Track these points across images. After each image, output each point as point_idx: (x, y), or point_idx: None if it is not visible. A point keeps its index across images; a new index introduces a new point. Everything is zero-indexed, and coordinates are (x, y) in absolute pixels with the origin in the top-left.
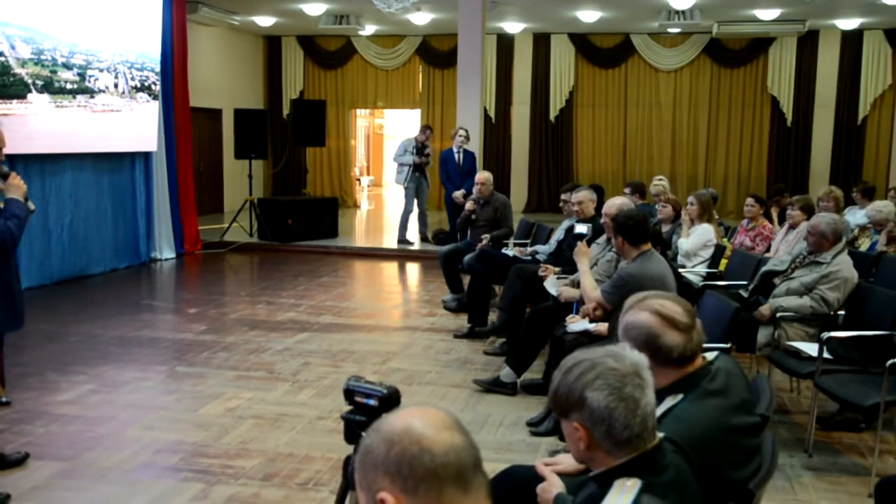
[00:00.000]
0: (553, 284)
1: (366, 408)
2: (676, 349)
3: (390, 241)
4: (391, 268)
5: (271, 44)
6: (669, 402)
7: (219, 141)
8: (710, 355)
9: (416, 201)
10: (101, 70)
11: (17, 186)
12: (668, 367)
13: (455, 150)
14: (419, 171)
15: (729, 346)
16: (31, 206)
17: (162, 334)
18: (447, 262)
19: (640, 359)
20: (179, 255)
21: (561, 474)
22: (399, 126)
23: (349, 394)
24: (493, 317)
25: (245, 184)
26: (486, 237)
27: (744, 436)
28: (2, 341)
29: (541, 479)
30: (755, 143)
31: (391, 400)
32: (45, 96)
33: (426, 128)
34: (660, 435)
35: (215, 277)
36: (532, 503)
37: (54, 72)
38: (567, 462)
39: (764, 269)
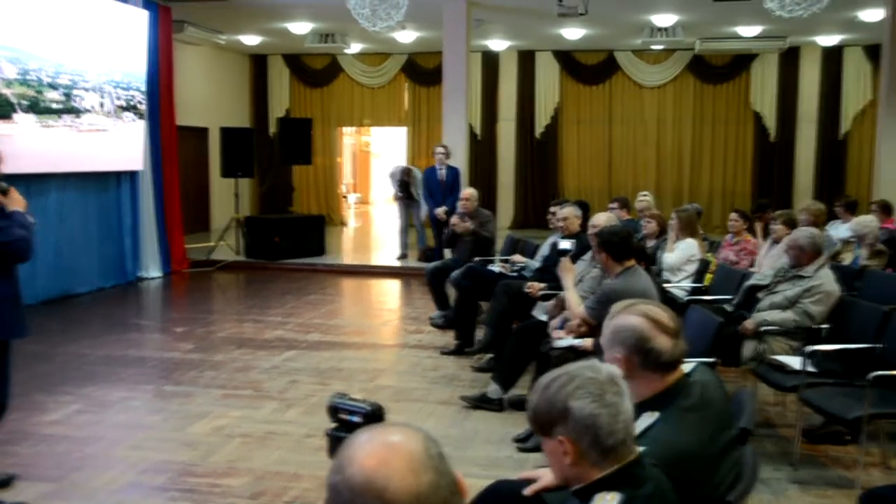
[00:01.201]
0: (542, 309)
1: (350, 424)
2: (665, 353)
3: (378, 259)
4: (379, 285)
5: (257, 62)
6: (646, 420)
7: (205, 159)
8: (687, 367)
9: (407, 216)
10: (87, 90)
11: (18, 200)
12: (655, 372)
13: (438, 167)
14: (405, 193)
15: (713, 360)
16: (32, 219)
17: (149, 353)
18: (434, 279)
19: (614, 369)
20: (166, 274)
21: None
22: (385, 143)
23: (333, 411)
24: (480, 333)
25: (232, 202)
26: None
27: (722, 450)
28: (9, 349)
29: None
30: (739, 158)
31: (375, 416)
32: (31, 116)
33: (407, 170)
34: (639, 448)
35: (202, 296)
36: None
37: (40, 92)
38: (548, 477)
39: (748, 283)
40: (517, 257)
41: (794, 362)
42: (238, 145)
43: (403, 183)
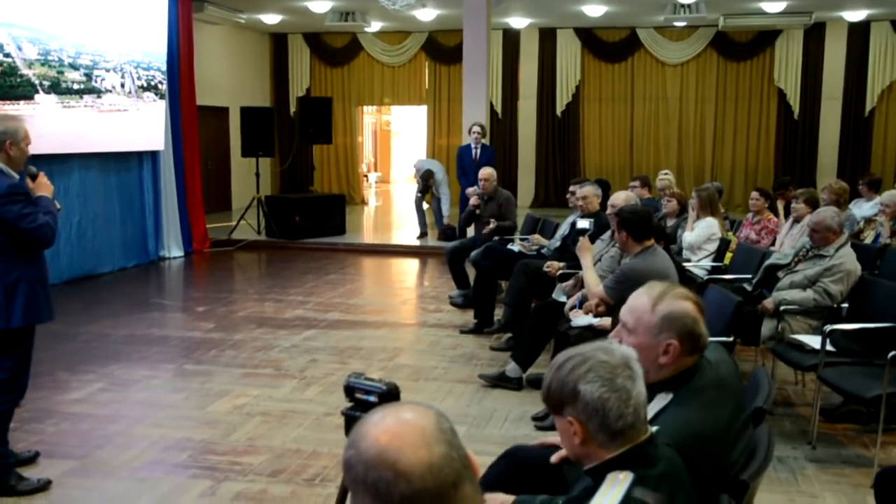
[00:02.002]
0: (561, 291)
1: (366, 404)
2: (703, 337)
3: (398, 238)
4: (399, 264)
5: (277, 41)
6: (660, 401)
7: (226, 139)
8: None
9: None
10: (108, 70)
11: (45, 185)
12: (692, 355)
13: (473, 145)
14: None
15: (732, 339)
16: (58, 204)
17: (170, 333)
18: (453, 258)
19: (629, 351)
20: (188, 254)
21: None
22: (406, 122)
23: (349, 390)
24: (499, 312)
25: (252, 181)
26: (492, 222)
27: (737, 429)
28: (33, 332)
29: (544, 458)
30: (762, 135)
31: (391, 395)
32: (53, 97)
33: (429, 173)
34: (652, 428)
35: (223, 275)
36: (535, 480)
37: (61, 72)
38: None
39: (767, 262)
40: (536, 237)
41: (814, 341)
42: (258, 125)
43: (425, 185)
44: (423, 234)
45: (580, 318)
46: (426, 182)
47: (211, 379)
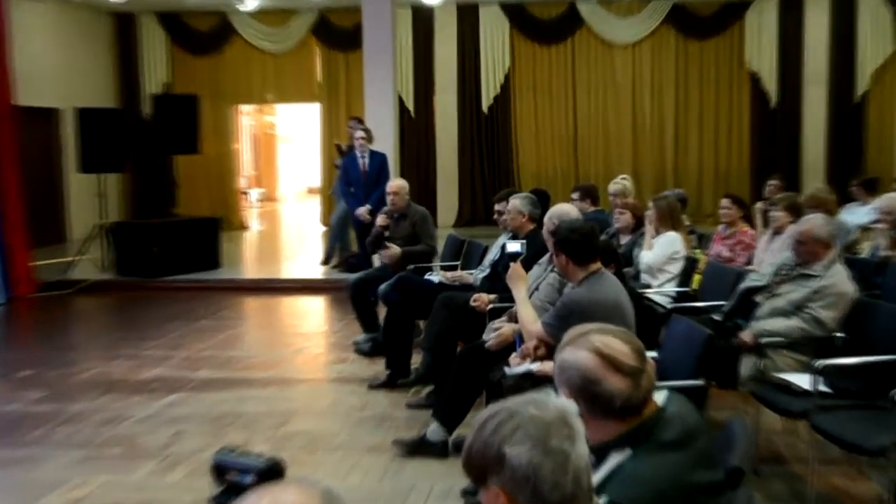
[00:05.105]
0: (492, 330)
1: (240, 487)
2: (619, 398)
3: (289, 270)
4: (290, 304)
5: (123, 23)
6: (615, 458)
7: (57, 150)
8: (659, 398)
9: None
10: None
11: None
12: (609, 418)
13: (358, 154)
14: None
15: (702, 382)
16: None
17: None
18: (357, 294)
19: (567, 404)
20: (6, 302)
21: None
22: (295, 124)
23: (219, 470)
24: (416, 359)
25: (95, 204)
26: (392, 248)
27: (707, 496)
28: None
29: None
30: (734, 130)
31: (272, 473)
32: None
33: (352, 121)
34: (600, 501)
35: (56, 327)
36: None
37: None
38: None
39: (744, 285)
40: (459, 275)
41: (803, 381)
42: (101, 131)
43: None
44: (326, 260)
45: (517, 365)
46: (348, 146)
47: (38, 466)
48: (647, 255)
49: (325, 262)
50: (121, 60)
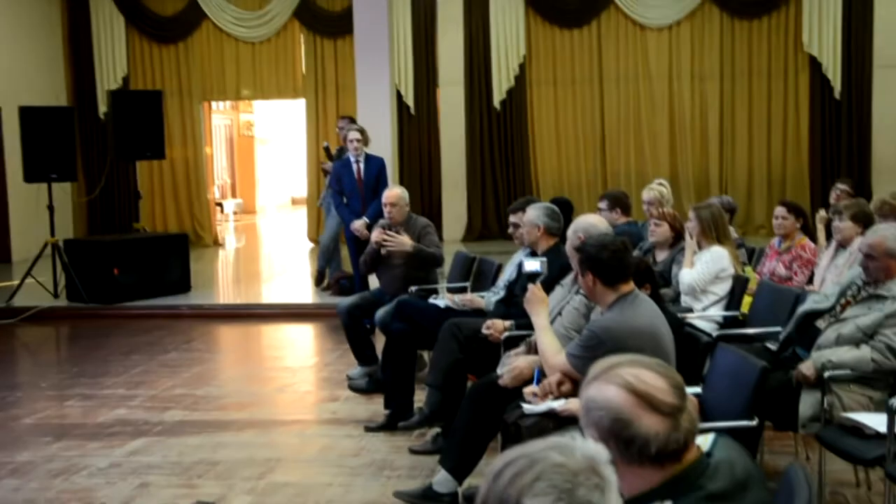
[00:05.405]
0: (507, 362)
1: None
2: (656, 441)
3: (272, 293)
4: (272, 333)
5: (74, 6)
6: None
7: None
8: (705, 442)
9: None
10: None
11: None
12: (645, 465)
13: (352, 158)
14: None
15: (755, 423)
16: None
17: None
18: (351, 321)
19: (596, 450)
20: None
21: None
22: (276, 124)
23: None
24: (420, 397)
25: (43, 219)
26: (402, 238)
27: None
28: None
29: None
30: (790, 125)
31: None
32: None
33: (343, 120)
34: None
35: None
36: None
37: None
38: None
39: (803, 308)
40: (470, 297)
41: (877, 421)
42: (49, 133)
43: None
44: (319, 280)
45: (537, 403)
46: (339, 149)
47: None
48: (689, 274)
49: (318, 283)
50: (71, 50)
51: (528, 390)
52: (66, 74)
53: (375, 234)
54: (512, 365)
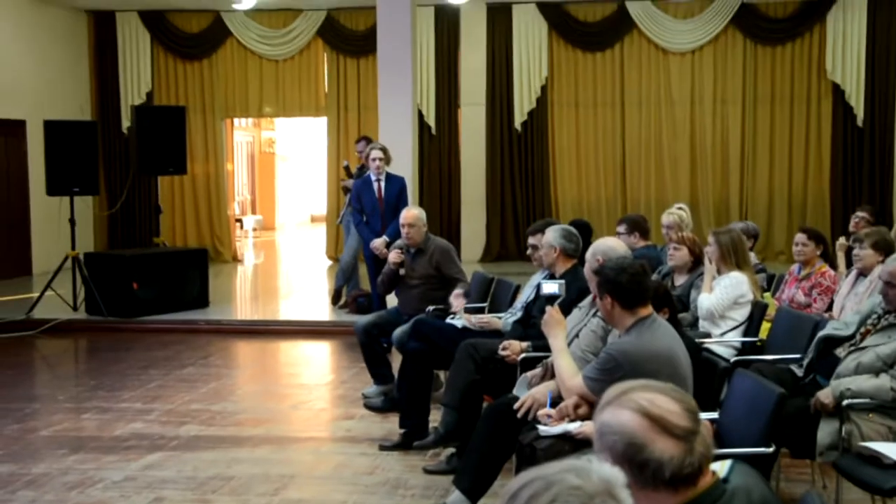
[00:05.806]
0: (525, 383)
1: None
2: (670, 465)
3: (289, 310)
4: (289, 350)
5: (101, 23)
6: None
7: (21, 168)
8: (722, 468)
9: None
10: None
11: None
12: (660, 489)
13: (373, 177)
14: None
15: (772, 450)
16: None
17: None
18: (368, 340)
19: (613, 473)
20: None
21: None
22: (297, 141)
23: None
24: (436, 417)
25: (65, 232)
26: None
27: None
28: None
29: None
30: (812, 152)
31: None
32: None
33: (361, 142)
34: None
35: (17, 375)
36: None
37: None
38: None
39: (823, 334)
40: (487, 319)
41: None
42: (73, 147)
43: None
44: (336, 299)
45: (552, 426)
46: (359, 169)
47: None
48: (707, 299)
49: (335, 301)
50: (97, 66)
51: (542, 412)
52: (91, 89)
53: (392, 256)
54: (529, 393)
